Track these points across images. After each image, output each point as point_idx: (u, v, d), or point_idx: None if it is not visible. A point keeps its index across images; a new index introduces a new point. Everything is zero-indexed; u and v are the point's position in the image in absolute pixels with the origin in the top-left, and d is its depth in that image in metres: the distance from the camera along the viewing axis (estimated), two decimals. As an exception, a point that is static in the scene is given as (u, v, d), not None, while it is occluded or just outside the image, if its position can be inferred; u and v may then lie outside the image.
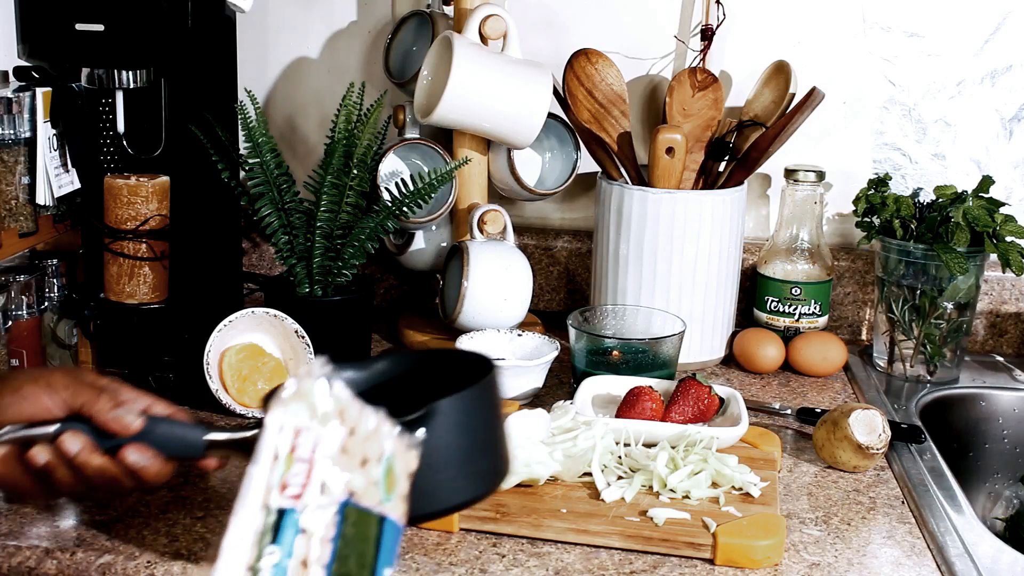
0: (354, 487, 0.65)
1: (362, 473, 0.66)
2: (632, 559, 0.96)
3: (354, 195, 1.30)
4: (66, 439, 0.84)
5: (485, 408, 0.85)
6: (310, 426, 0.65)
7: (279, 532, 0.60)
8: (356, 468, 0.66)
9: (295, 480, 0.62)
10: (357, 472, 0.66)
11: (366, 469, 0.67)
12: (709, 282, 1.41)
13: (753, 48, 1.53)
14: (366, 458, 0.67)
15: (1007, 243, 1.36)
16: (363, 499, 0.65)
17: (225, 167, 1.31)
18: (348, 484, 0.65)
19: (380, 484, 0.68)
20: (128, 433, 0.85)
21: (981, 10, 1.51)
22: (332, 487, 0.63)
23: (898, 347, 1.43)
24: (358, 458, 0.66)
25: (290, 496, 0.61)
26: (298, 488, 0.62)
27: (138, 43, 1.26)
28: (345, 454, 0.65)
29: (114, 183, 1.26)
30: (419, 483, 0.78)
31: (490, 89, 1.36)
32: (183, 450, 0.86)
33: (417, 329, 1.48)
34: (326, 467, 0.64)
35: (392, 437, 0.71)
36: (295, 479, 0.62)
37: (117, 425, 0.85)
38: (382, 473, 0.68)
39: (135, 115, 1.31)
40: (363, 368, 0.96)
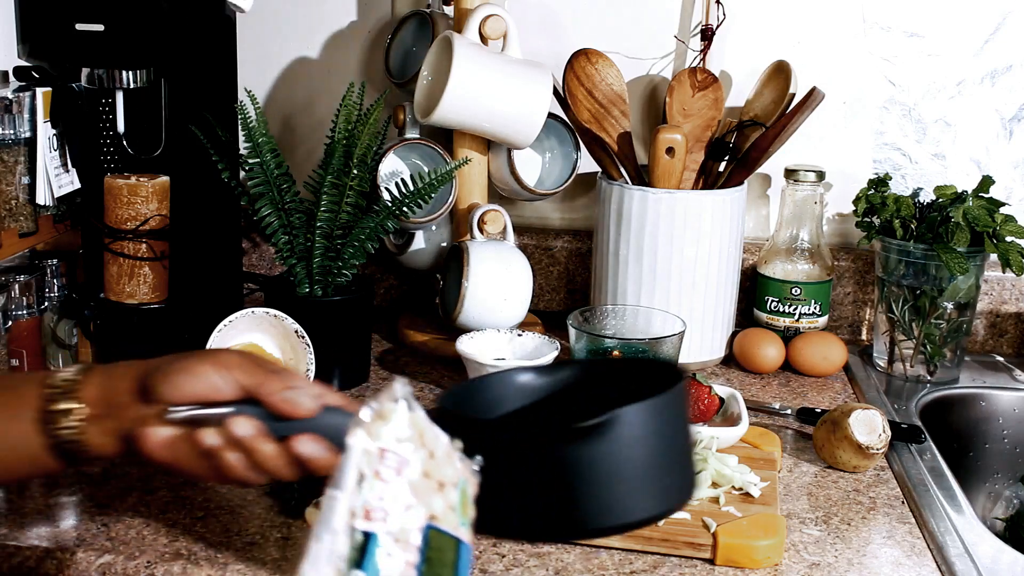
0: (435, 511, 0.64)
1: (441, 497, 0.66)
2: (632, 559, 0.96)
3: (354, 195, 1.30)
4: (236, 422, 0.80)
5: (673, 419, 0.81)
6: (394, 448, 0.64)
7: (365, 557, 0.59)
8: (435, 492, 0.65)
9: (380, 504, 0.61)
10: (436, 496, 0.65)
11: (444, 493, 0.66)
12: (709, 282, 1.41)
13: (753, 48, 1.53)
14: (443, 482, 0.66)
15: (1007, 243, 1.36)
16: (442, 523, 0.64)
17: (225, 167, 1.30)
18: (430, 508, 0.64)
19: (457, 508, 0.67)
20: (300, 415, 0.80)
21: (981, 10, 1.51)
22: (416, 511, 0.62)
23: (898, 347, 1.43)
24: (436, 481, 0.66)
25: (376, 520, 0.60)
26: (383, 512, 0.61)
27: (138, 43, 1.26)
28: (426, 478, 0.65)
29: (114, 183, 1.26)
30: (596, 494, 0.76)
31: (490, 89, 1.36)
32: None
33: (417, 329, 1.48)
34: (409, 490, 0.63)
35: (461, 462, 0.70)
36: (380, 502, 0.61)
37: (289, 407, 0.80)
38: (458, 497, 0.67)
39: (135, 115, 1.31)
40: (543, 373, 0.92)
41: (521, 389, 0.91)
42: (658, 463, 0.79)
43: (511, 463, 0.78)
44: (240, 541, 0.96)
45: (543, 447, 0.77)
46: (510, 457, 0.78)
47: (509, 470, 0.78)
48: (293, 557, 0.94)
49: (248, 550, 0.95)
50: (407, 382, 0.69)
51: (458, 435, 0.78)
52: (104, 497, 1.03)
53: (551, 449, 0.76)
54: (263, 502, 1.03)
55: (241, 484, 0.82)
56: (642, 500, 0.78)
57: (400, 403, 0.66)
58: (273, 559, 0.93)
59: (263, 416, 0.80)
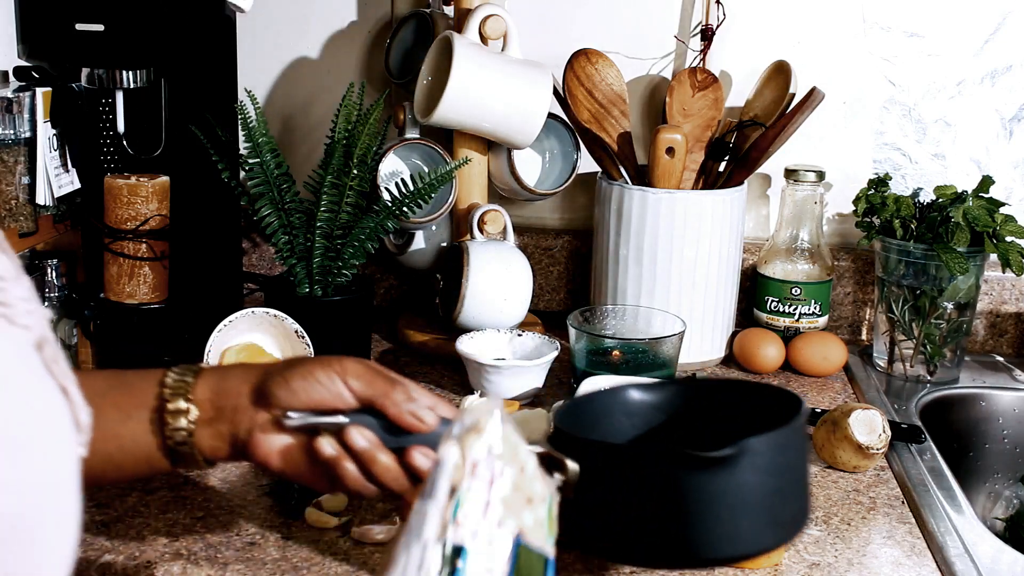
0: (524, 525, 0.64)
1: (530, 512, 0.65)
2: (632, 559, 0.96)
3: (354, 195, 1.30)
4: (353, 433, 0.79)
5: (796, 449, 0.81)
6: (487, 461, 0.64)
7: (455, 570, 0.58)
8: (525, 506, 0.65)
9: (473, 516, 0.60)
10: (526, 510, 0.65)
11: (532, 508, 0.66)
12: (709, 282, 1.41)
13: (753, 48, 1.53)
14: (531, 497, 0.66)
15: (1007, 243, 1.36)
16: (531, 538, 0.64)
17: (225, 167, 1.30)
18: (520, 522, 0.63)
19: (544, 524, 0.66)
20: (421, 430, 0.80)
21: (981, 10, 1.51)
22: (506, 525, 0.62)
23: (898, 347, 1.43)
24: (526, 496, 0.65)
25: (468, 532, 0.60)
26: (475, 524, 0.60)
27: (138, 43, 1.26)
28: (516, 492, 0.65)
29: (114, 183, 1.26)
30: (718, 524, 0.76)
31: (490, 89, 1.36)
32: None
33: (417, 329, 1.48)
34: (501, 504, 0.62)
35: (545, 478, 0.69)
36: (473, 515, 0.60)
37: (411, 420, 0.80)
38: (546, 513, 0.67)
39: (135, 115, 1.31)
40: (651, 391, 0.93)
41: (630, 406, 0.92)
42: (780, 494, 0.79)
43: (631, 487, 0.78)
44: (240, 541, 0.96)
45: (669, 473, 0.76)
46: (631, 481, 0.78)
47: (628, 493, 0.78)
48: (293, 557, 0.94)
49: (248, 550, 0.95)
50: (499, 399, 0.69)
51: (575, 456, 0.79)
52: (104, 497, 1.03)
53: (677, 476, 0.76)
54: (263, 502, 1.03)
55: (353, 494, 0.82)
56: (762, 531, 0.78)
57: (493, 417, 0.66)
58: (273, 559, 0.94)
59: (380, 427, 0.80)
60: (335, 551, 0.95)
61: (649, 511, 0.78)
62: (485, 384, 1.27)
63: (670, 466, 0.77)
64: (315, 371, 0.81)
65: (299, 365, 0.82)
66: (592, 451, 0.80)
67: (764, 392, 0.90)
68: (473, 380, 1.29)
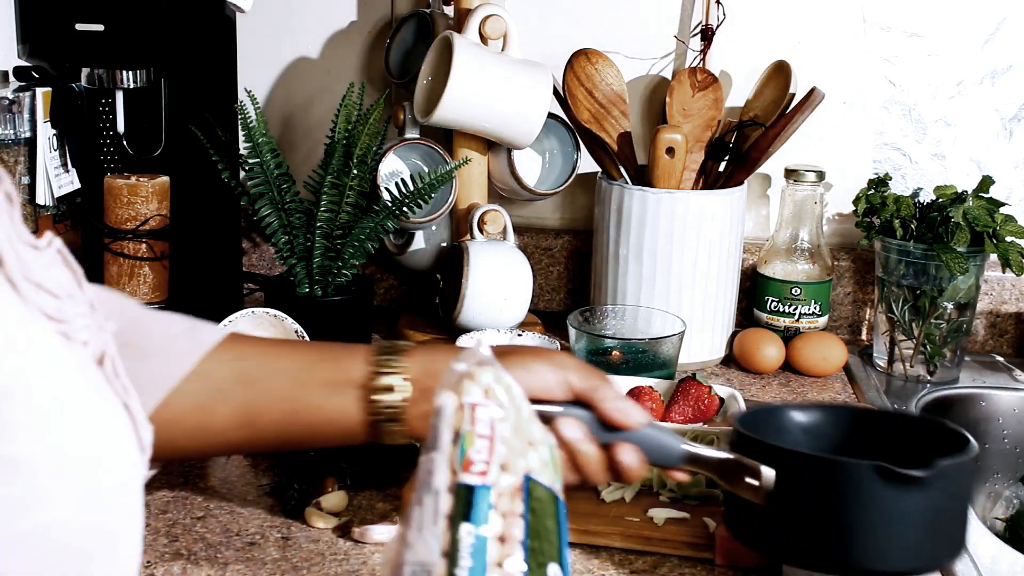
0: (531, 465, 0.64)
1: (534, 452, 0.66)
2: (632, 559, 0.96)
3: (354, 195, 1.30)
4: (566, 423, 0.82)
5: (969, 477, 0.85)
6: (485, 403, 0.64)
7: (471, 509, 0.58)
8: (528, 448, 0.65)
9: (478, 456, 0.60)
10: (530, 451, 0.65)
11: (535, 449, 0.66)
12: (709, 282, 1.41)
13: (753, 48, 1.53)
14: (532, 440, 0.66)
15: (1007, 243, 1.36)
16: (540, 476, 0.64)
17: (225, 167, 1.31)
18: (526, 461, 0.64)
19: (549, 465, 0.66)
20: (630, 427, 0.83)
21: (981, 10, 1.51)
22: (514, 462, 0.62)
23: (898, 347, 1.43)
24: (527, 438, 0.66)
25: (476, 473, 0.59)
26: (483, 465, 0.60)
27: (138, 43, 1.26)
28: (517, 433, 0.65)
29: (114, 183, 1.26)
30: (902, 538, 0.81)
31: (490, 89, 1.36)
32: (662, 457, 0.86)
33: (417, 329, 1.48)
34: (505, 442, 0.62)
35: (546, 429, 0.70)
36: (478, 455, 0.60)
37: (623, 417, 0.82)
38: (549, 454, 0.67)
39: (135, 115, 1.31)
40: (817, 412, 0.97)
41: (798, 424, 0.96)
42: (956, 518, 0.84)
43: (828, 497, 0.82)
44: (240, 541, 0.96)
45: (868, 487, 0.80)
46: (829, 491, 0.82)
47: (823, 503, 0.82)
48: (293, 557, 0.94)
49: (248, 550, 0.95)
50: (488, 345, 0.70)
51: (758, 458, 0.83)
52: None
53: (874, 490, 0.80)
54: (263, 502, 1.03)
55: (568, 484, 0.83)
56: (936, 550, 0.83)
57: (484, 362, 0.66)
58: (273, 559, 0.94)
59: (590, 420, 0.83)
60: (335, 551, 0.95)
61: (831, 516, 0.82)
62: (485, 384, 1.27)
63: (870, 480, 0.81)
64: (531, 362, 0.83)
65: (516, 356, 0.83)
66: (790, 460, 0.84)
67: (927, 426, 0.95)
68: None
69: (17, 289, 0.52)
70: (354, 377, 0.82)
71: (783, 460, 0.83)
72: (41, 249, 0.57)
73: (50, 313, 0.54)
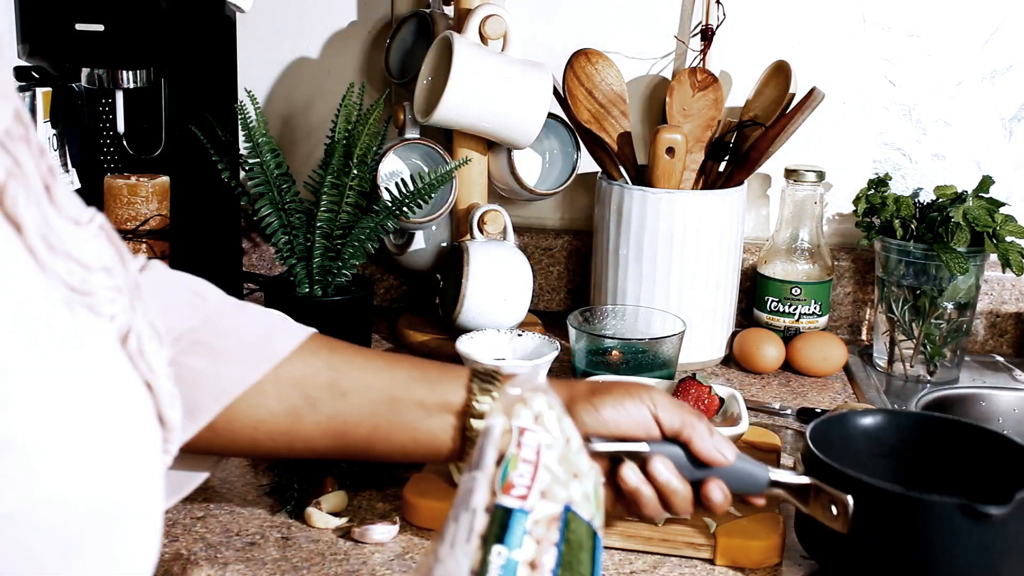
0: (572, 496, 0.64)
1: (577, 484, 0.65)
2: (632, 559, 0.96)
3: (354, 195, 1.30)
4: (658, 465, 0.83)
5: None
6: (534, 429, 0.64)
7: (507, 532, 0.58)
8: (572, 478, 0.65)
9: (520, 480, 0.60)
10: (573, 482, 0.65)
11: (579, 481, 0.66)
12: (709, 282, 1.41)
13: (753, 48, 1.53)
14: (577, 472, 0.66)
15: (1007, 243, 1.36)
16: (580, 509, 0.64)
17: (225, 167, 1.31)
18: (567, 491, 0.63)
19: (591, 499, 0.66)
20: (722, 464, 0.85)
21: (981, 10, 1.51)
22: (555, 491, 0.62)
23: (898, 347, 1.43)
24: (572, 469, 0.66)
25: (516, 496, 0.59)
26: (524, 489, 0.60)
27: (138, 43, 1.26)
28: (563, 462, 0.65)
29: (114, 183, 1.26)
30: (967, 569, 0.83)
31: (490, 89, 1.36)
32: (747, 485, 0.87)
33: (417, 329, 1.48)
34: (549, 470, 0.62)
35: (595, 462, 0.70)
36: (520, 480, 0.60)
37: (717, 455, 0.84)
38: (592, 489, 0.67)
39: (135, 115, 1.31)
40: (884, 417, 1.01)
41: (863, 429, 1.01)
42: None
43: (898, 527, 0.85)
44: (240, 541, 0.96)
45: (944, 521, 0.83)
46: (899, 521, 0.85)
47: (893, 532, 0.85)
48: (293, 557, 0.94)
49: (248, 550, 0.95)
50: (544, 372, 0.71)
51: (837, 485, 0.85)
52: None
53: (952, 524, 0.83)
54: (263, 502, 1.03)
55: (643, 518, 0.86)
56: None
57: (539, 389, 0.66)
58: (273, 559, 0.94)
59: (680, 457, 0.85)
60: (335, 551, 0.95)
61: (923, 555, 0.85)
62: (485, 384, 1.27)
63: (952, 516, 0.83)
64: (625, 401, 0.84)
65: (608, 393, 0.84)
66: (870, 493, 0.86)
67: (998, 442, 0.97)
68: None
69: (36, 257, 0.52)
70: (451, 401, 0.83)
71: (863, 491, 0.85)
72: (82, 224, 0.57)
73: (73, 284, 0.54)
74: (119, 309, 0.57)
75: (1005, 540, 0.84)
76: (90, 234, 0.58)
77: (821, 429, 0.96)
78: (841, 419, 1.00)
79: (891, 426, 1.00)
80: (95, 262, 0.56)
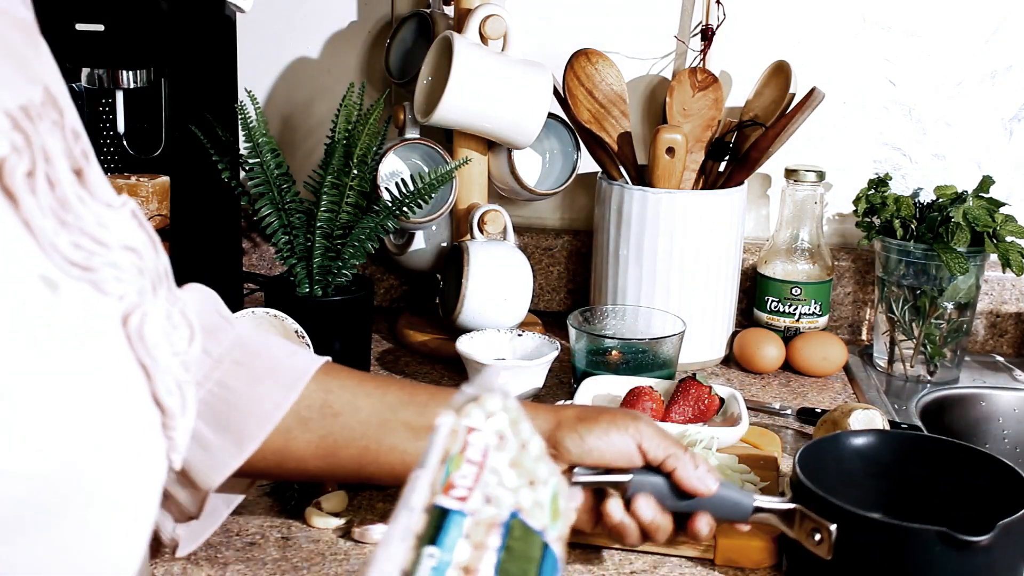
0: (521, 503, 0.62)
1: (530, 491, 0.65)
2: (632, 559, 0.96)
3: (354, 195, 1.30)
4: (642, 505, 0.85)
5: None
6: (483, 428, 0.63)
7: (440, 533, 0.56)
8: (524, 485, 0.64)
9: (462, 482, 0.59)
10: (525, 489, 0.64)
11: (533, 489, 0.65)
12: (709, 282, 1.41)
13: (753, 48, 1.53)
14: (534, 479, 0.65)
15: (1007, 243, 1.36)
16: (529, 517, 0.63)
17: (225, 167, 1.31)
18: (516, 497, 0.62)
19: (546, 508, 0.65)
20: (705, 495, 0.85)
21: (981, 10, 1.51)
22: (500, 496, 0.61)
23: (898, 347, 1.43)
24: (527, 476, 0.64)
25: (456, 497, 0.58)
26: (465, 490, 0.59)
27: (138, 43, 1.26)
28: (515, 467, 0.64)
29: (114, 183, 1.26)
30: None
31: (490, 90, 1.36)
32: (732, 513, 0.89)
33: (417, 329, 1.48)
34: (496, 475, 0.61)
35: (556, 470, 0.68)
36: (463, 480, 0.59)
37: (700, 486, 0.85)
38: (549, 498, 0.65)
39: (135, 115, 1.31)
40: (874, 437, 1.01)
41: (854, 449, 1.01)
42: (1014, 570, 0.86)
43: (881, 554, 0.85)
44: (240, 541, 0.96)
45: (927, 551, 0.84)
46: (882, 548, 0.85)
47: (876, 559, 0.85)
48: (293, 557, 0.94)
49: (248, 550, 0.95)
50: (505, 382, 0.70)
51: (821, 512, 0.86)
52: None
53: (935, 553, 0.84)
54: (263, 502, 1.03)
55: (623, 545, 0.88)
56: None
57: (495, 390, 0.65)
58: (273, 559, 0.94)
59: (663, 487, 0.86)
60: (335, 551, 0.95)
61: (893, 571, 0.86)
62: (485, 384, 1.27)
63: (933, 544, 0.84)
64: (611, 432, 0.85)
65: (595, 422, 0.85)
66: (852, 520, 0.86)
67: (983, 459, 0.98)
68: (473, 380, 1.29)
69: (32, 230, 0.52)
70: None
71: (845, 519, 0.86)
72: (115, 207, 0.58)
73: (76, 260, 0.54)
74: (131, 290, 0.58)
75: (988, 567, 0.84)
76: (122, 216, 0.59)
77: (813, 451, 0.97)
78: (834, 440, 1.01)
79: (885, 446, 1.01)
80: (116, 242, 0.57)
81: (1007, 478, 0.93)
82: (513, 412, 0.65)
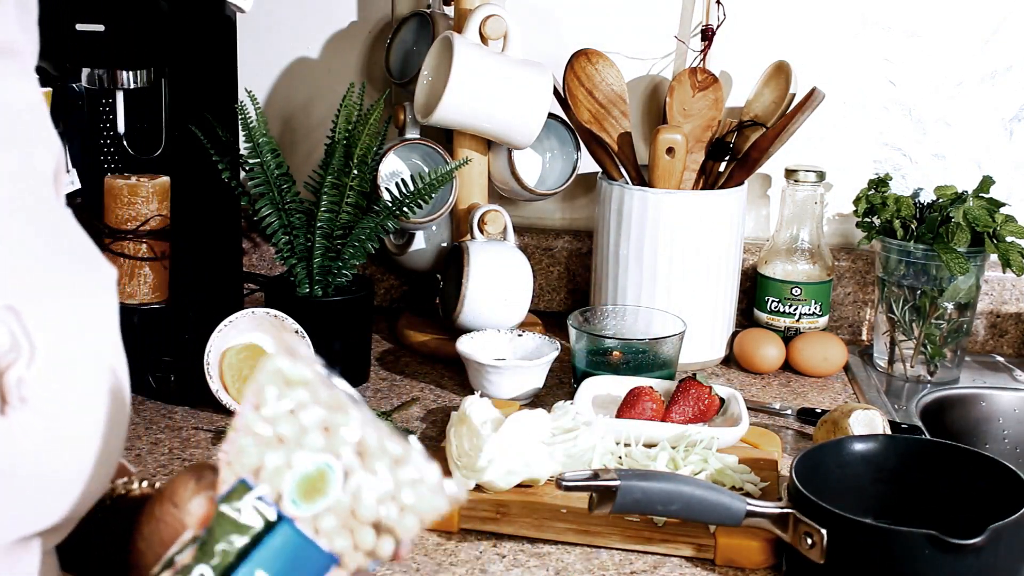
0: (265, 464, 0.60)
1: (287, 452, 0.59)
2: (632, 559, 0.96)
3: (354, 195, 1.30)
4: None
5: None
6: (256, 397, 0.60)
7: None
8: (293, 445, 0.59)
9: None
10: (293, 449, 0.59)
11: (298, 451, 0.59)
12: (709, 282, 1.41)
13: (753, 48, 1.53)
14: (281, 438, 0.60)
15: (1007, 243, 1.36)
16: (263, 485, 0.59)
17: (225, 167, 1.30)
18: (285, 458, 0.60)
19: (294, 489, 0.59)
20: None
21: (981, 10, 1.51)
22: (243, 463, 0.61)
23: (898, 347, 1.43)
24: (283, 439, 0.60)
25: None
26: None
27: (138, 43, 1.26)
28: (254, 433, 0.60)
29: (114, 183, 1.26)
30: None
31: (490, 90, 1.36)
32: (725, 517, 0.90)
33: (417, 329, 1.48)
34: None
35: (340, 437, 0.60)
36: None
37: None
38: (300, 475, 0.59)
39: (135, 115, 1.31)
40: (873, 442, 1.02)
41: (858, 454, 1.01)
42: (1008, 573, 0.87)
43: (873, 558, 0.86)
44: (240, 541, 0.96)
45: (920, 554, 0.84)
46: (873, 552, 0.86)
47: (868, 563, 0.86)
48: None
49: (248, 550, 0.95)
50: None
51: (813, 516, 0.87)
52: None
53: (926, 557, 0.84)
54: (263, 502, 1.03)
55: None
56: None
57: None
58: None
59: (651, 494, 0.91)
60: (335, 551, 0.95)
61: None
62: (485, 384, 1.27)
63: (923, 548, 0.84)
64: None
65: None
66: (844, 524, 0.87)
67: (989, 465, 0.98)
68: (473, 380, 1.29)
69: None
70: None
71: (836, 523, 0.86)
72: None
73: None
74: None
75: (981, 570, 0.85)
76: None
77: (812, 456, 0.97)
78: (834, 445, 1.02)
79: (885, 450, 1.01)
80: None
81: (1007, 481, 0.93)
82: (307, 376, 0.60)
